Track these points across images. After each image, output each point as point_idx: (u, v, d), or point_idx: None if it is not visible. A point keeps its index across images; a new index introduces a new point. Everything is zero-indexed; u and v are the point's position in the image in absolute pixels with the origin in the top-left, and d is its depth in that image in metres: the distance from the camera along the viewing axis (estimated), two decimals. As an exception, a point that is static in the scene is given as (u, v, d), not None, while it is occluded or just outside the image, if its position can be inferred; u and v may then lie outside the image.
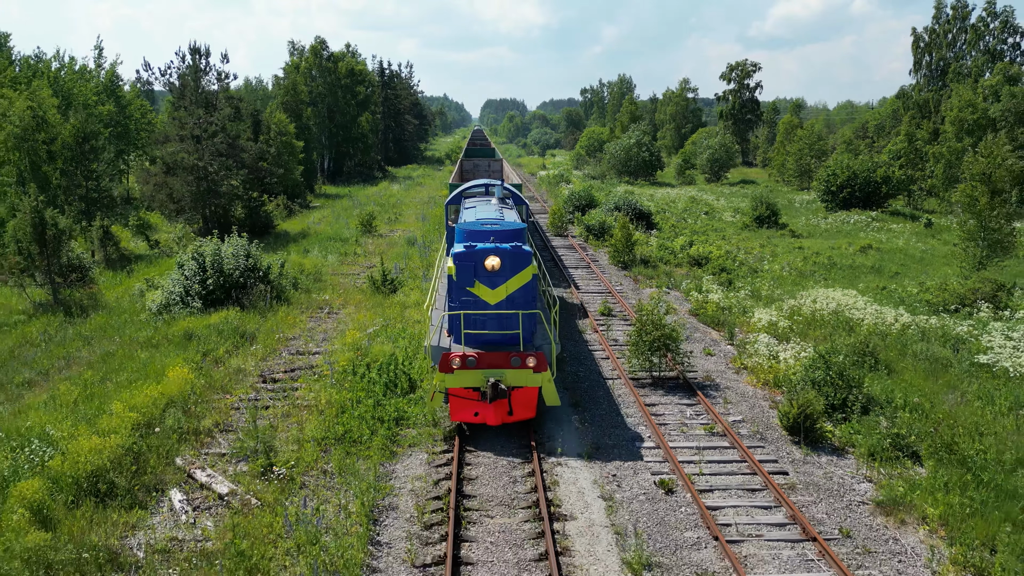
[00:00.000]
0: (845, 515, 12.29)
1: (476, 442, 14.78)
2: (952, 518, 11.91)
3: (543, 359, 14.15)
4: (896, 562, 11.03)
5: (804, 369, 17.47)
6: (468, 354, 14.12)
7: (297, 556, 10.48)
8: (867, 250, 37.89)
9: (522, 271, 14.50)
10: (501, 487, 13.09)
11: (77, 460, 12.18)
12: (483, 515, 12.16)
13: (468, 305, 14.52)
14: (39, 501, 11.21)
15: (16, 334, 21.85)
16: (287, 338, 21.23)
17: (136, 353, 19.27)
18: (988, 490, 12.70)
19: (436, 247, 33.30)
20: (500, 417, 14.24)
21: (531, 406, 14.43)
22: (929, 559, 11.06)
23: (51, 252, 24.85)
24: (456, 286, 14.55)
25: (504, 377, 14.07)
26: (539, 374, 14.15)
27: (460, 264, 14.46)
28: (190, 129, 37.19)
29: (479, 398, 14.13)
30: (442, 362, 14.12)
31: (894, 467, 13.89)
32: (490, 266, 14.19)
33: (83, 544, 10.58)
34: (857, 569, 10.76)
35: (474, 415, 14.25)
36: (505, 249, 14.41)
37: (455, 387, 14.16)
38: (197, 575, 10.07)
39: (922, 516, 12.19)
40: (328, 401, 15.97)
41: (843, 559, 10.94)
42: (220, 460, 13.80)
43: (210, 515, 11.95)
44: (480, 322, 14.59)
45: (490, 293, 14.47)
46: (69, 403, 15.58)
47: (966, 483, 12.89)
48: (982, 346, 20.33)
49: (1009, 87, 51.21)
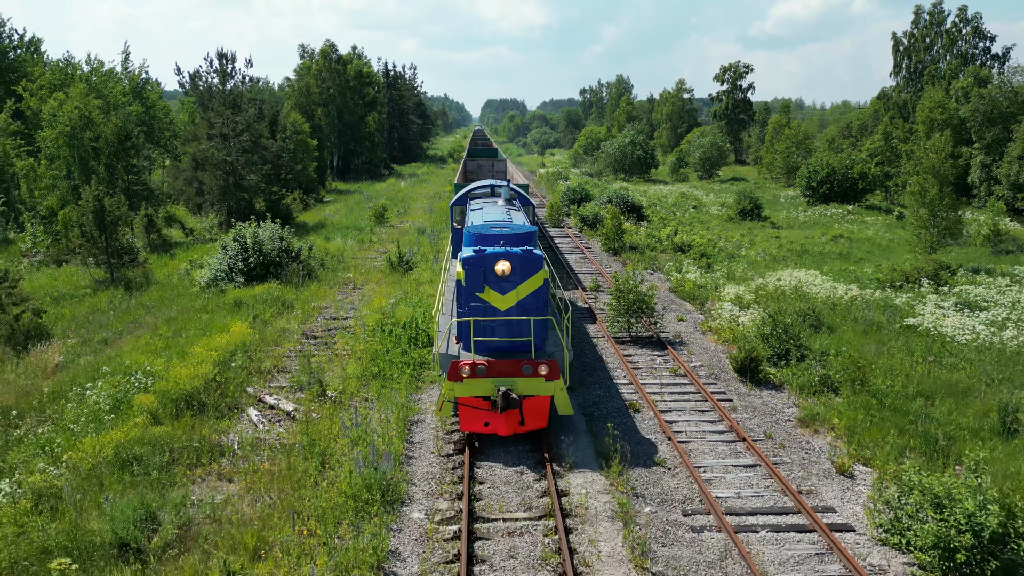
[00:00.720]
0: (771, 426, 15.85)
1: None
2: (854, 428, 15.44)
3: (555, 367, 13.75)
4: (803, 454, 14.59)
5: (756, 327, 21.05)
6: (478, 362, 13.73)
7: (353, 448, 14.00)
8: (838, 239, 41.42)
9: (533, 276, 14.14)
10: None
11: (177, 384, 15.74)
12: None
13: (477, 311, 14.16)
14: (154, 409, 14.77)
15: (87, 303, 25.41)
16: (320, 307, 24.79)
17: (196, 316, 22.83)
18: (887, 410, 16.23)
19: (444, 236, 36.80)
20: (511, 427, 13.90)
21: (543, 416, 14.11)
22: (830, 453, 14.60)
23: (109, 235, 28.40)
24: (465, 291, 14.17)
25: (515, 386, 13.69)
26: (551, 382, 13.76)
27: (469, 269, 14.05)
28: (219, 128, 40.75)
29: (489, 407, 13.78)
30: (451, 370, 13.70)
31: (818, 398, 17.43)
32: (500, 271, 13.90)
33: (192, 438, 14.14)
34: (773, 457, 14.31)
35: (484, 425, 13.94)
36: (516, 253, 14.05)
37: (464, 396, 13.78)
38: (281, 458, 13.60)
39: (831, 427, 15.74)
40: (363, 350, 19.52)
41: (764, 451, 14.48)
42: (281, 390, 17.35)
43: (280, 426, 15.49)
44: (490, 329, 14.20)
45: (500, 299, 14.09)
46: (155, 350, 19.14)
47: (871, 406, 16.42)
48: (914, 312, 23.91)
49: (978, 89, 54.70)
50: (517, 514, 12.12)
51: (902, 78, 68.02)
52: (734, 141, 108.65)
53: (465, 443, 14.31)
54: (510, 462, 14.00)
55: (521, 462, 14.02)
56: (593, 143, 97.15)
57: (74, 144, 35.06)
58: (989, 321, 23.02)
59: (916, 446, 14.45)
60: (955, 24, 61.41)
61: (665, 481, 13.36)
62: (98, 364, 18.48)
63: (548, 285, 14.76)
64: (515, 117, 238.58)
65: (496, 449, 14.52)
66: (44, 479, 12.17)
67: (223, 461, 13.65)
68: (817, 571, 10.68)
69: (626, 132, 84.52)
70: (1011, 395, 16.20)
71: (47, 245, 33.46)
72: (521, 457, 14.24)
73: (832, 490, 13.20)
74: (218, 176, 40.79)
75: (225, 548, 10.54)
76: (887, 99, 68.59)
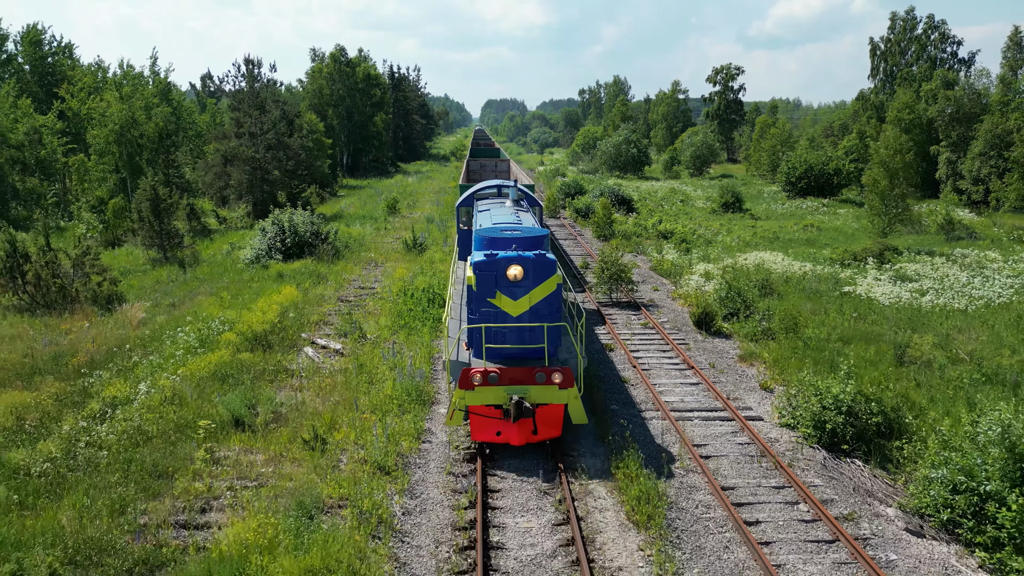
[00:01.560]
0: (716, 360, 20.16)
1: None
2: (779, 361, 19.73)
3: (569, 375, 13.52)
4: (737, 377, 18.92)
5: (715, 291, 25.35)
6: (490, 370, 13.46)
7: (391, 371, 18.28)
8: (809, 228, 45.75)
9: (546, 280, 13.81)
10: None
11: (250, 326, 20.04)
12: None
13: (489, 317, 13.87)
14: (237, 343, 19.08)
15: (150, 277, 29.73)
16: (349, 279, 29.10)
17: (247, 285, 27.15)
18: (810, 350, 20.52)
19: (450, 224, 41.03)
20: (524, 437, 13.67)
21: (557, 425, 13.82)
22: (758, 377, 18.92)
23: (162, 220, 32.71)
24: (476, 297, 13.91)
25: (528, 394, 13.46)
26: (565, 390, 13.52)
27: (480, 274, 13.74)
28: (247, 127, 45.07)
29: (501, 416, 13.54)
30: (462, 378, 13.46)
31: (758, 342, 21.71)
32: (512, 276, 13.61)
33: (267, 363, 18.46)
34: (712, 379, 18.62)
35: (496, 434, 13.69)
36: (528, 258, 13.73)
37: (476, 405, 13.53)
38: (338, 376, 17.89)
39: (763, 361, 20.04)
40: (391, 309, 23.83)
41: (706, 375, 18.79)
42: (329, 336, 21.66)
43: (332, 359, 19.79)
44: (502, 335, 13.92)
45: (512, 304, 13.79)
46: (222, 307, 23.46)
47: (797, 347, 20.70)
48: (854, 283, 28.22)
49: (944, 91, 59.02)
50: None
51: (879, 80, 72.33)
52: (726, 140, 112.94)
53: (476, 453, 14.20)
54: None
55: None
56: (590, 142, 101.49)
57: (121, 141, 39.33)
58: (914, 289, 27.34)
59: (824, 372, 18.75)
60: (925, 30, 65.73)
61: (628, 392, 17.67)
62: (176, 319, 22.79)
63: (561, 290, 14.41)
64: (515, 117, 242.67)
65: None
66: (169, 384, 16.48)
67: (293, 380, 17.95)
68: (730, 441, 15.00)
69: (621, 131, 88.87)
70: (907, 338, 20.51)
71: (100, 230, 37.73)
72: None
73: (753, 399, 17.53)
74: (246, 171, 45.11)
75: (308, 425, 14.82)
76: (865, 100, 72.91)
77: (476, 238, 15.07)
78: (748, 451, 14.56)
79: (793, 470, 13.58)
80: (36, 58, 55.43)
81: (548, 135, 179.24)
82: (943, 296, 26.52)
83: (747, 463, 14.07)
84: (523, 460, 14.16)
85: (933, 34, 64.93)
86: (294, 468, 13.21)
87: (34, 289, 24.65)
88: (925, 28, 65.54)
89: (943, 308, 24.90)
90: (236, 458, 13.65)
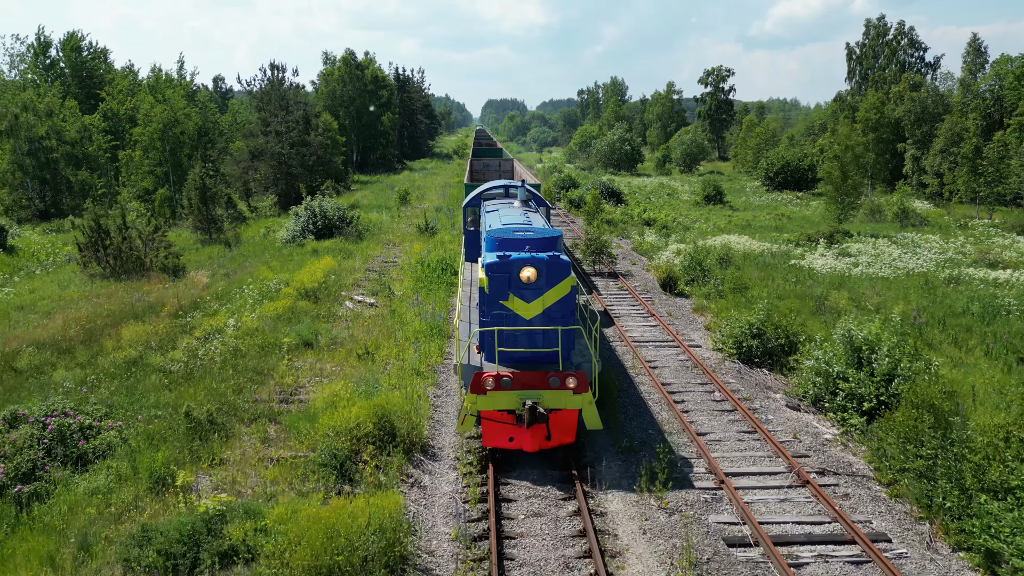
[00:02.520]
0: (674, 311, 25.25)
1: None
2: (723, 311, 24.76)
3: (584, 379, 13.33)
4: (687, 322, 24.04)
5: (680, 263, 30.42)
6: (502, 374, 13.27)
7: (416, 315, 23.32)
8: (780, 217, 50.86)
9: (560, 283, 13.58)
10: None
11: (302, 284, 25.12)
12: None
13: (501, 320, 13.65)
14: (293, 295, 24.18)
15: (202, 253, 34.81)
16: (373, 255, 34.18)
17: (288, 258, 32.24)
18: (751, 304, 25.55)
19: (457, 212, 46.04)
20: (537, 443, 13.48)
21: (571, 430, 13.66)
22: (704, 322, 24.00)
23: (208, 206, 37.78)
24: (488, 299, 13.65)
25: (541, 399, 13.25)
26: (579, 395, 13.33)
27: (493, 276, 13.53)
28: (274, 126, 50.15)
29: (514, 422, 13.37)
30: (474, 382, 13.25)
31: (710, 299, 26.77)
32: (525, 278, 13.39)
33: (319, 310, 23.55)
34: (668, 323, 23.68)
35: (509, 440, 13.53)
36: (542, 259, 13.52)
37: (488, 410, 13.33)
38: (376, 319, 22.96)
39: (711, 311, 25.11)
40: (411, 275, 28.91)
41: (664, 321, 23.83)
42: (363, 294, 26.73)
43: (367, 309, 24.86)
44: (514, 338, 13.67)
45: (525, 307, 13.58)
46: (274, 272, 28.55)
47: (741, 302, 25.75)
48: (801, 258, 33.29)
49: (911, 93, 64.10)
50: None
51: (855, 82, 77.40)
52: (717, 139, 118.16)
53: (488, 459, 14.05)
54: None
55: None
56: (586, 141, 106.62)
57: (165, 138, 44.42)
58: (850, 262, 32.42)
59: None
60: (895, 36, 70.84)
61: (602, 331, 22.77)
62: (236, 282, 27.86)
63: (575, 292, 14.12)
64: (515, 117, 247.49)
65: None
66: (251, 320, 21.56)
67: (341, 321, 23.02)
68: (673, 359, 20.09)
69: (615, 130, 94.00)
70: (826, 292, 25.60)
71: (147, 217, 42.79)
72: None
73: (697, 335, 22.63)
74: (272, 165, 50.20)
75: (359, 346, 19.88)
76: (842, 101, 77.96)
77: (487, 239, 14.79)
78: (685, 364, 19.67)
79: (715, 374, 18.67)
80: (76, 63, 60.54)
81: (547, 134, 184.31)
82: (873, 267, 31.59)
83: (683, 370, 19.17)
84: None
85: (902, 40, 70.01)
86: (354, 371, 18.30)
87: (114, 260, 29.72)
88: (895, 34, 70.64)
89: (869, 275, 29.98)
90: (310, 365, 18.75)
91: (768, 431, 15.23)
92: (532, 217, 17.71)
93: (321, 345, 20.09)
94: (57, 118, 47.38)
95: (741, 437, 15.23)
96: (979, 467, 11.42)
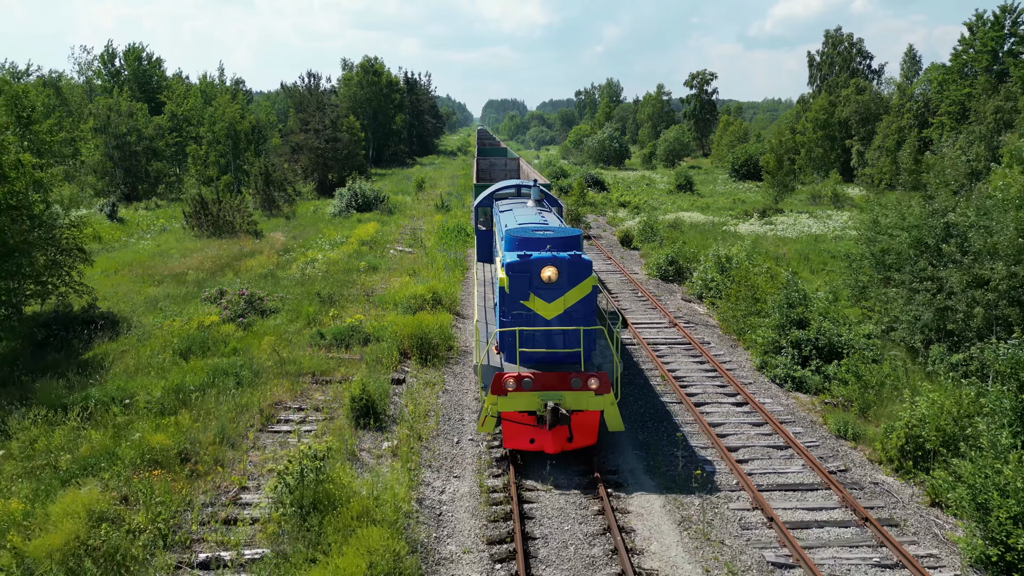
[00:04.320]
0: (627, 258, 35.30)
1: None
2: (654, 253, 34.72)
3: (606, 380, 13.35)
4: (634, 262, 34.09)
5: (637, 227, 40.44)
6: (524, 375, 13.30)
7: (443, 256, 33.27)
8: (736, 202, 60.82)
9: (581, 283, 13.60)
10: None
11: (360, 237, 35.19)
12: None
13: (521, 320, 13.66)
14: (355, 243, 34.26)
15: (269, 224, 44.85)
16: (403, 225, 44.21)
17: (339, 226, 42.27)
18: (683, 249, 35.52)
19: (465, 196, 56.05)
20: (559, 444, 13.54)
21: (592, 432, 13.72)
22: (644, 262, 34.02)
23: (270, 188, 47.76)
24: (509, 299, 13.65)
25: (563, 400, 13.28)
26: (601, 397, 13.35)
27: (514, 276, 13.53)
28: (313, 125, 60.15)
29: (535, 423, 13.44)
30: (494, 383, 13.28)
31: (655, 250, 36.70)
32: (547, 277, 13.38)
33: (374, 253, 33.61)
34: (619, 262, 33.66)
35: (530, 442, 13.62)
36: (563, 259, 13.53)
37: (509, 411, 13.38)
38: (413, 259, 32.95)
39: (650, 255, 35.07)
40: (435, 235, 38.91)
41: (617, 262, 33.80)
42: (402, 246, 36.73)
43: (408, 254, 34.87)
44: (535, 339, 13.67)
45: (546, 307, 13.56)
46: (336, 231, 38.57)
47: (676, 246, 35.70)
48: (734, 226, 43.31)
49: (856, 96, 74.06)
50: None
51: (816, 86, 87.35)
52: (700, 137, 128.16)
53: (508, 459, 14.08)
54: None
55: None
56: (580, 139, 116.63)
57: (229, 134, 54.39)
58: (769, 229, 42.41)
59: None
60: (847, 47, 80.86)
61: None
62: (307, 240, 37.82)
63: (596, 292, 14.08)
64: (515, 117, 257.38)
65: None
66: (332, 255, 31.59)
67: (391, 260, 33.01)
68: (615, 279, 30.10)
69: (605, 129, 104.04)
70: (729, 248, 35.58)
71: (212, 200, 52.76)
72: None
73: (637, 268, 32.60)
74: (311, 157, 60.21)
75: (408, 269, 29.87)
76: (804, 103, 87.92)
77: (507, 238, 14.80)
78: (624, 281, 29.71)
79: (642, 285, 28.66)
80: (137, 71, 70.55)
81: (545, 134, 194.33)
82: (785, 232, 41.58)
83: (622, 284, 29.21)
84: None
85: (853, 49, 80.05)
86: (409, 278, 28.34)
87: (213, 224, 39.73)
88: (847, 46, 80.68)
89: (779, 237, 39.96)
90: (379, 278, 28.78)
91: (664, 307, 25.23)
92: (547, 217, 17.86)
93: (383, 269, 30.12)
94: (135, 119, 57.36)
95: (647, 312, 25.22)
96: (757, 301, 21.46)
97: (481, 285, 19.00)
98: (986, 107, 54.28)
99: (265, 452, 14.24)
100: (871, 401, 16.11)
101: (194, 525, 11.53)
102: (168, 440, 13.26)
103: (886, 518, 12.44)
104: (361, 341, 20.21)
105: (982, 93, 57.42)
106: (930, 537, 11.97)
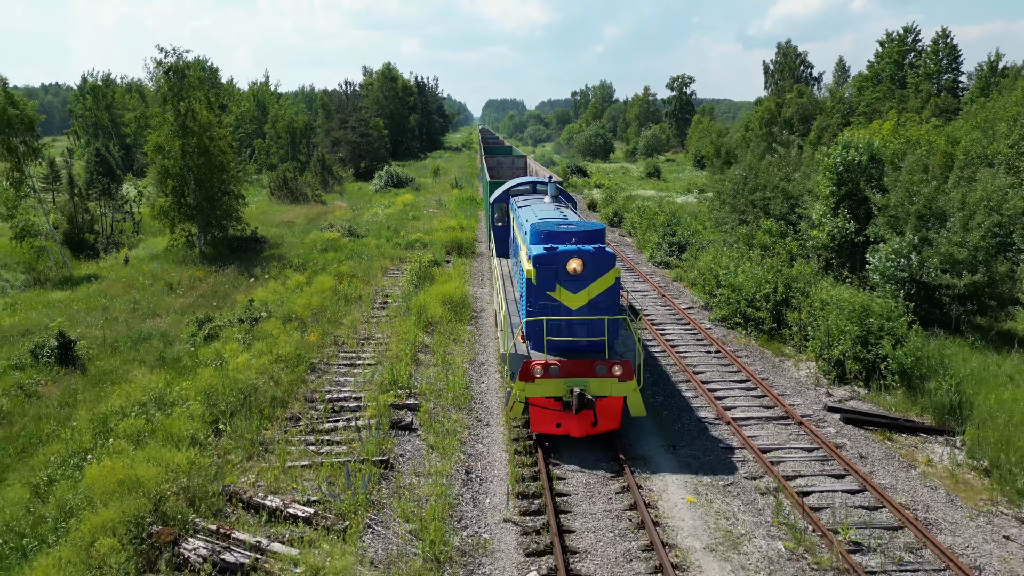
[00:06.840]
0: (589, 214, 50.08)
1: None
2: (606, 210, 49.48)
3: (629, 367, 13.85)
4: (595, 218, 49.00)
5: (601, 197, 55.21)
6: (551, 362, 13.81)
7: (461, 213, 48.02)
8: (691, 186, 75.73)
9: (605, 274, 14.14)
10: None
11: (402, 202, 50.06)
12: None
13: (547, 310, 14.18)
14: (401, 205, 49.18)
15: (329, 196, 59.73)
16: (428, 197, 58.99)
17: (384, 197, 57.10)
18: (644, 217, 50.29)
19: (473, 180, 70.74)
20: (584, 429, 14.09)
21: (615, 417, 14.24)
22: (600, 216, 48.85)
23: (325, 172, 62.58)
24: (535, 290, 14.17)
25: (588, 386, 13.80)
26: (624, 383, 13.85)
27: (540, 268, 14.03)
28: (351, 123, 74.95)
29: (561, 408, 13.96)
30: (522, 370, 13.79)
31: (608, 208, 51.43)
32: (572, 269, 13.88)
33: (415, 211, 48.51)
34: (584, 218, 48.56)
35: (556, 426, 14.10)
36: (588, 251, 14.05)
37: (536, 396, 13.90)
38: (440, 214, 47.77)
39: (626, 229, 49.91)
40: (453, 202, 53.73)
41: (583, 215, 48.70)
42: (430, 208, 51.53)
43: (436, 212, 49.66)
44: (560, 328, 14.20)
45: (572, 297, 14.08)
46: (384, 203, 53.42)
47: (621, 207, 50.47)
48: (673, 198, 58.17)
49: (797, 99, 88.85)
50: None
51: (771, 90, 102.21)
52: (680, 134, 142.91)
53: (536, 444, 14.67)
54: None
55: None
56: (572, 136, 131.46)
57: (288, 130, 69.07)
58: (699, 200, 57.21)
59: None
60: (793, 57, 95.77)
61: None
62: (363, 206, 52.59)
63: (619, 283, 14.51)
64: (514, 116, 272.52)
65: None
66: (387, 211, 46.42)
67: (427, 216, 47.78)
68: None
69: (592, 126, 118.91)
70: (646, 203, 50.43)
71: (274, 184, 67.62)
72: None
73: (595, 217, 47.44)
74: (349, 149, 75.00)
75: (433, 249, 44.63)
76: (760, 104, 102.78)
77: (532, 232, 15.19)
78: (584, 226, 44.45)
79: (595, 228, 43.42)
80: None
81: (542, 132, 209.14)
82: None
83: (582, 227, 43.94)
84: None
85: (797, 60, 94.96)
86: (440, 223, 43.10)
87: (291, 193, 54.58)
88: (793, 56, 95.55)
89: (700, 203, 54.73)
90: (421, 224, 43.53)
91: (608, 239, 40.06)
92: (566, 212, 18.38)
93: (423, 218, 44.92)
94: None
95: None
96: (654, 228, 36.35)
97: (499, 279, 19.69)
98: (884, 107, 69.08)
99: (388, 280, 29.17)
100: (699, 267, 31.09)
101: (367, 303, 26.47)
102: (348, 269, 28.21)
103: (672, 294, 27.35)
104: (422, 246, 35.00)
105: (884, 97, 72.24)
106: (686, 296, 26.91)
